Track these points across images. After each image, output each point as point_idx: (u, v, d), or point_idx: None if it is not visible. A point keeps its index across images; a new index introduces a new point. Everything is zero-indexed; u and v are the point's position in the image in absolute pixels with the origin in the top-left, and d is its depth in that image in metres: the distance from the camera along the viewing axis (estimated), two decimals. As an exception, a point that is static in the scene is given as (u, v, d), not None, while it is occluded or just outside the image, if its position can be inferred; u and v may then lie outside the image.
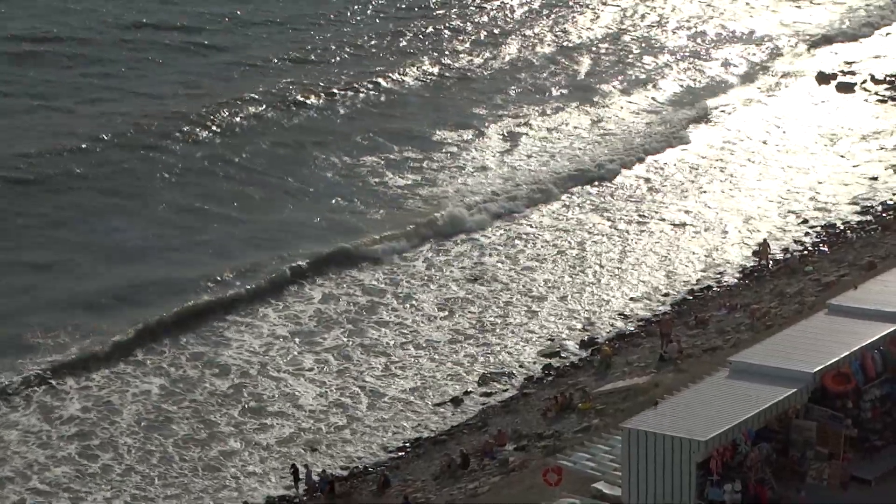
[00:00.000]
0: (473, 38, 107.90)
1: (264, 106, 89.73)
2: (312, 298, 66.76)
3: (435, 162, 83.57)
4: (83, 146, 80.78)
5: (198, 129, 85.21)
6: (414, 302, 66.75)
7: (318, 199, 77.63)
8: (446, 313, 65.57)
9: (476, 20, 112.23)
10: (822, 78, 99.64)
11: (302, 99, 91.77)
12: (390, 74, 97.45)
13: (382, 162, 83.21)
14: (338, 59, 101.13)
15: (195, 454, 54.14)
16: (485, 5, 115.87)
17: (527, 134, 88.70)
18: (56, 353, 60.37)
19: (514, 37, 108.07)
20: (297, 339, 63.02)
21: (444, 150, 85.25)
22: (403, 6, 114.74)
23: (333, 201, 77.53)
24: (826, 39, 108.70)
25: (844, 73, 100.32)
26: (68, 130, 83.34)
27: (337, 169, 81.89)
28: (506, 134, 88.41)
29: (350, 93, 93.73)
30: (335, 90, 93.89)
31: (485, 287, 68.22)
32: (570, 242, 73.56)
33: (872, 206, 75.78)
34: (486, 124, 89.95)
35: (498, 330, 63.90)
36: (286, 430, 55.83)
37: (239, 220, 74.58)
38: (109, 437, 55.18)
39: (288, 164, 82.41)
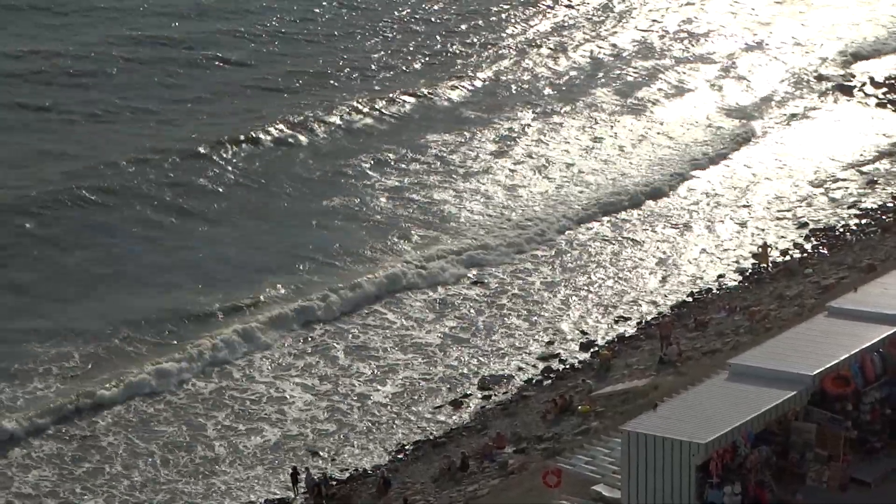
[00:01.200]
0: (497, 51, 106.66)
1: (282, 127, 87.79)
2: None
3: (455, 182, 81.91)
4: (97, 171, 79.15)
5: (217, 151, 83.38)
6: (414, 306, 66.80)
7: (339, 222, 75.95)
8: (446, 317, 65.64)
9: (499, 33, 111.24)
10: (820, 80, 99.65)
11: (324, 117, 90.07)
12: (409, 91, 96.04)
13: (404, 183, 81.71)
14: (356, 75, 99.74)
15: (188, 459, 54.17)
16: (510, 18, 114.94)
17: (553, 153, 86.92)
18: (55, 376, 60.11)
19: (536, 51, 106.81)
20: (296, 343, 63.14)
21: (465, 172, 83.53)
22: (415, 19, 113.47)
23: (356, 225, 75.70)
24: (861, 55, 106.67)
25: (843, 76, 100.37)
26: (75, 153, 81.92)
27: (360, 191, 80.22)
28: (528, 153, 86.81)
29: (372, 110, 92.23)
30: (359, 106, 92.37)
31: (485, 289, 68.30)
32: (571, 245, 73.66)
33: (872, 209, 75.85)
34: (511, 141, 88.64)
35: (497, 333, 63.92)
36: (284, 434, 55.89)
37: (254, 241, 73.15)
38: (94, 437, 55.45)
39: (310, 186, 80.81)
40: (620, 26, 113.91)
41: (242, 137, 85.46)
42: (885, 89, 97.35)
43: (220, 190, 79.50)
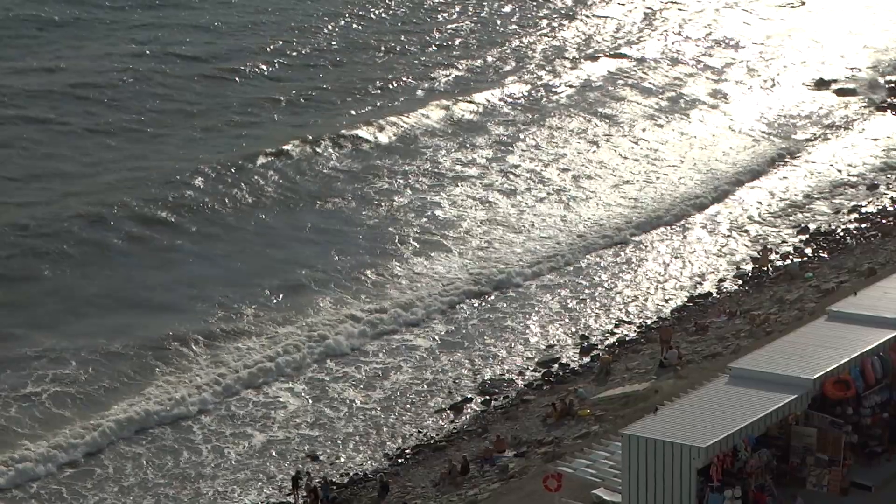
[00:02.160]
0: (525, 64, 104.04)
1: (294, 144, 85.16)
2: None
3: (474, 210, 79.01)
4: (104, 190, 77.08)
5: (222, 171, 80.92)
6: (415, 308, 66.80)
7: (356, 242, 73.74)
8: (446, 321, 65.66)
9: (521, 45, 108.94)
10: (821, 84, 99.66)
11: (344, 132, 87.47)
12: (420, 108, 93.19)
13: (422, 199, 79.64)
14: (386, 91, 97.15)
15: (174, 463, 54.26)
16: (531, 30, 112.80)
17: (576, 168, 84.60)
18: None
19: (557, 63, 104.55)
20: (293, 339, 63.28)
21: (478, 186, 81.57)
22: (433, 33, 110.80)
23: (374, 245, 73.32)
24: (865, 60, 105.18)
25: (845, 79, 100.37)
26: (81, 171, 79.84)
27: (380, 210, 78.09)
28: (553, 168, 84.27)
29: (395, 126, 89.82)
30: (388, 123, 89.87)
31: (487, 295, 68.28)
32: (568, 247, 73.61)
33: (872, 213, 75.90)
34: (534, 155, 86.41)
35: (498, 337, 63.92)
36: (280, 438, 55.94)
37: (263, 261, 71.25)
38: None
39: (322, 204, 78.69)
40: (644, 35, 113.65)
41: (251, 156, 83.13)
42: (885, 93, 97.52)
43: (228, 209, 77.47)
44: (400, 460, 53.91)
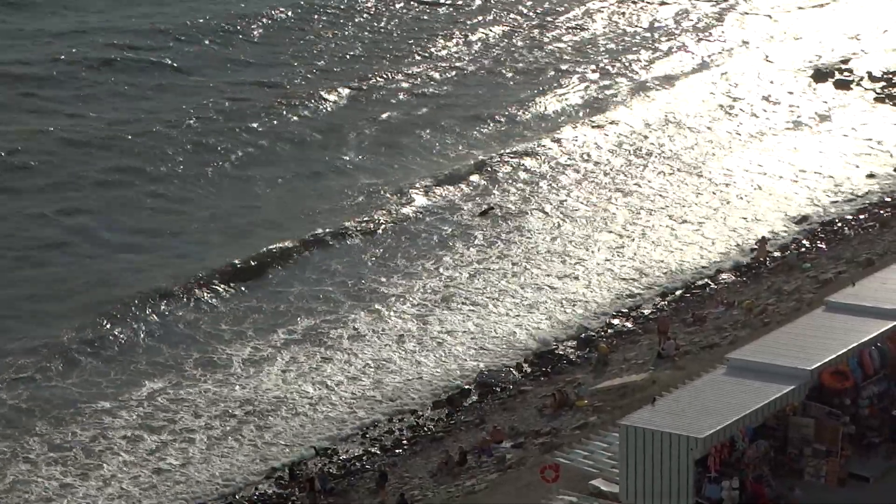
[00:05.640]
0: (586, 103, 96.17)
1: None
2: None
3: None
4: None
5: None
6: (408, 295, 66.74)
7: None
8: (445, 309, 65.57)
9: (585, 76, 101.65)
10: (819, 76, 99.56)
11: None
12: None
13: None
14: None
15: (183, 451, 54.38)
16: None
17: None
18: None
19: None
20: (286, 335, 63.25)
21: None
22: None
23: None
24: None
25: (842, 71, 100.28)
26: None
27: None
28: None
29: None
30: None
31: (482, 280, 68.18)
32: (566, 239, 73.54)
33: (870, 203, 75.88)
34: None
35: (495, 326, 63.85)
36: (284, 428, 55.94)
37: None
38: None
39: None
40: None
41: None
42: (882, 83, 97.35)
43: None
44: (398, 451, 53.91)
